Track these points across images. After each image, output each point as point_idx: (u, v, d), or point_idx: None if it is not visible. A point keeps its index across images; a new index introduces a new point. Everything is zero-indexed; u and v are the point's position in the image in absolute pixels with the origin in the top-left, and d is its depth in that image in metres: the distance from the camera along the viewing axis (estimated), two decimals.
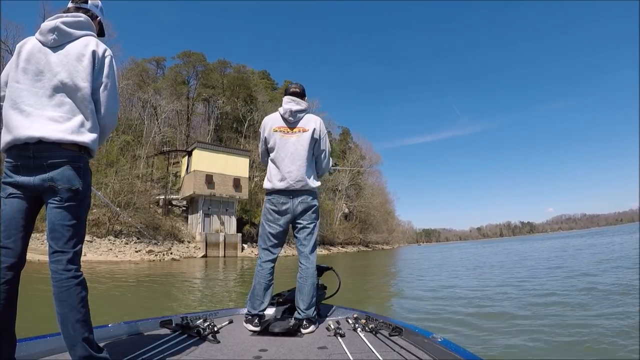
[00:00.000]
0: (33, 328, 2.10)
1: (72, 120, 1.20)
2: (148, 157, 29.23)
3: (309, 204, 1.98)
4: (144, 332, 1.71)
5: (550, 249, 20.66)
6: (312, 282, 1.90)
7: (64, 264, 1.16)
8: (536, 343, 3.26)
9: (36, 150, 1.14)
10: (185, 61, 40.70)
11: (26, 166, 1.15)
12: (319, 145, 2.03)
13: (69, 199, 1.18)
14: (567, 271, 8.62)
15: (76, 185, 1.19)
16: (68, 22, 1.27)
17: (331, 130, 58.12)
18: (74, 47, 1.25)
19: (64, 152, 1.17)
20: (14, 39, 24.76)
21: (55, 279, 1.15)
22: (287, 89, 2.13)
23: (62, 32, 1.25)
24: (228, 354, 1.44)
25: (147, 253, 19.57)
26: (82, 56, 1.24)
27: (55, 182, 1.16)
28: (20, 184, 1.16)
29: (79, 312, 1.14)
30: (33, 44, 1.24)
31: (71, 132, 1.18)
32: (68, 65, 1.22)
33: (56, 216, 1.17)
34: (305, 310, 1.84)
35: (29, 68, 1.20)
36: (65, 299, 1.13)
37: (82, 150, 1.22)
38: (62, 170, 1.16)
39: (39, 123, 1.15)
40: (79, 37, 1.28)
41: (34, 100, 1.18)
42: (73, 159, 1.19)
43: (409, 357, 1.34)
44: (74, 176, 1.18)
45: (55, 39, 1.24)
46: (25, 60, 1.21)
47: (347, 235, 45.97)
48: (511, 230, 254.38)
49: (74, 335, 1.12)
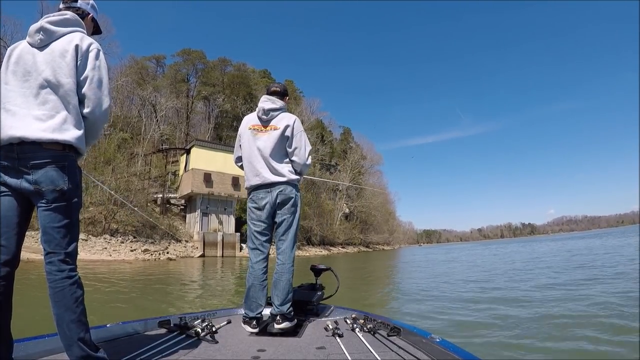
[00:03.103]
0: (31, 328, 2.08)
1: (55, 117, 1.19)
2: (146, 155, 29.13)
3: (287, 195, 1.97)
4: (142, 332, 1.71)
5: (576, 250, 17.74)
6: (287, 278, 1.90)
7: (58, 264, 1.16)
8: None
9: (20, 152, 1.14)
10: (185, 59, 40.58)
11: (12, 168, 1.15)
12: (291, 143, 2.02)
13: (55, 199, 1.16)
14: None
15: (60, 185, 1.17)
16: (53, 20, 1.27)
17: (332, 130, 58.22)
18: (58, 44, 1.24)
19: (46, 152, 1.16)
20: (12, 36, 24.69)
21: (50, 280, 1.15)
22: (268, 88, 2.15)
23: (48, 31, 1.24)
24: (226, 354, 1.43)
25: (142, 252, 19.39)
26: (66, 52, 1.23)
27: (39, 184, 1.15)
28: (9, 184, 1.15)
29: (73, 312, 1.13)
30: (22, 47, 1.25)
31: (52, 131, 1.16)
32: (52, 63, 1.21)
33: (46, 218, 1.16)
34: (280, 306, 1.84)
35: (18, 70, 1.21)
36: (59, 299, 1.13)
37: (67, 149, 1.20)
38: (45, 171, 1.15)
39: (22, 122, 1.15)
40: (65, 34, 1.27)
41: (21, 100, 1.18)
42: (56, 159, 1.17)
43: (407, 357, 1.33)
44: (58, 176, 1.17)
45: (42, 38, 1.23)
46: (14, 62, 1.22)
47: (348, 235, 45.88)
48: (512, 232, 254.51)
49: (70, 336, 1.12)
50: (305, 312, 2.13)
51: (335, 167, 52.15)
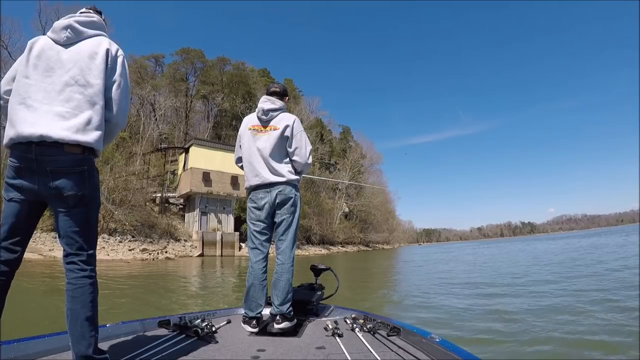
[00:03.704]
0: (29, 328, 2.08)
1: (79, 116, 1.17)
2: (145, 154, 29.06)
3: (286, 195, 1.97)
4: (142, 332, 1.71)
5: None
6: (287, 277, 1.90)
7: (80, 264, 1.17)
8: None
9: (39, 153, 1.11)
10: (184, 58, 40.50)
11: (29, 169, 1.12)
12: (291, 142, 2.02)
13: (76, 204, 1.16)
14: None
15: (82, 191, 1.17)
16: (82, 21, 1.27)
17: (331, 129, 58.17)
18: (86, 45, 1.24)
19: (67, 156, 1.14)
20: (9, 35, 24.61)
21: (70, 277, 1.16)
22: (268, 89, 2.16)
23: (76, 30, 1.25)
24: (226, 354, 1.44)
25: (140, 252, 19.32)
26: (95, 54, 1.23)
27: (60, 190, 1.13)
28: (24, 188, 1.13)
29: (89, 310, 1.15)
30: (45, 41, 1.23)
31: (76, 131, 1.15)
32: (80, 62, 1.21)
33: (66, 223, 1.16)
34: (279, 306, 1.84)
35: (40, 64, 1.19)
36: (78, 295, 1.14)
37: (86, 152, 1.19)
38: (67, 177, 1.14)
39: (43, 119, 1.13)
40: (92, 36, 1.28)
41: (42, 95, 1.16)
42: (77, 163, 1.16)
43: (407, 357, 1.34)
44: (80, 182, 1.16)
45: (69, 36, 1.23)
46: (36, 56, 1.20)
47: (348, 234, 45.85)
48: (512, 231, 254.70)
49: (81, 332, 1.12)
50: (305, 312, 2.13)
51: (335, 166, 52.11)
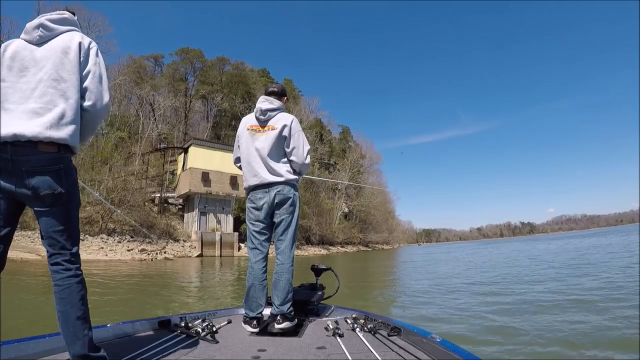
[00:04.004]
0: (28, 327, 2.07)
1: (53, 111, 1.16)
2: (144, 154, 29.02)
3: (285, 195, 1.97)
4: (143, 332, 1.70)
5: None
6: (287, 278, 1.90)
7: (64, 264, 1.17)
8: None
9: (14, 153, 1.10)
10: (183, 58, 40.42)
11: (5, 170, 1.11)
12: (289, 142, 2.02)
13: (53, 203, 1.16)
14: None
15: (59, 189, 1.16)
16: (53, 18, 1.27)
17: (331, 129, 58.14)
18: (59, 41, 1.24)
19: (42, 155, 1.13)
20: (8, 34, 24.57)
21: (57, 278, 1.15)
22: (266, 89, 2.16)
23: (47, 28, 1.25)
24: (227, 354, 1.43)
25: (139, 252, 19.22)
26: (68, 49, 1.23)
27: (36, 189, 1.13)
28: (2, 187, 1.12)
29: (79, 309, 1.14)
30: (18, 43, 1.24)
31: (49, 127, 1.14)
32: (53, 58, 1.21)
33: (47, 223, 1.16)
34: (280, 306, 1.85)
35: (14, 65, 1.20)
36: (66, 296, 1.14)
37: (62, 150, 1.18)
38: (42, 176, 1.13)
39: (18, 118, 1.13)
40: (64, 32, 1.28)
41: (18, 95, 1.16)
42: (52, 162, 1.15)
43: (408, 357, 1.34)
44: (55, 180, 1.15)
45: (41, 35, 1.23)
46: (10, 58, 1.20)
47: (347, 234, 45.84)
48: (511, 231, 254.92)
49: (75, 332, 1.12)
50: (305, 312, 2.13)
51: (334, 166, 52.12)
